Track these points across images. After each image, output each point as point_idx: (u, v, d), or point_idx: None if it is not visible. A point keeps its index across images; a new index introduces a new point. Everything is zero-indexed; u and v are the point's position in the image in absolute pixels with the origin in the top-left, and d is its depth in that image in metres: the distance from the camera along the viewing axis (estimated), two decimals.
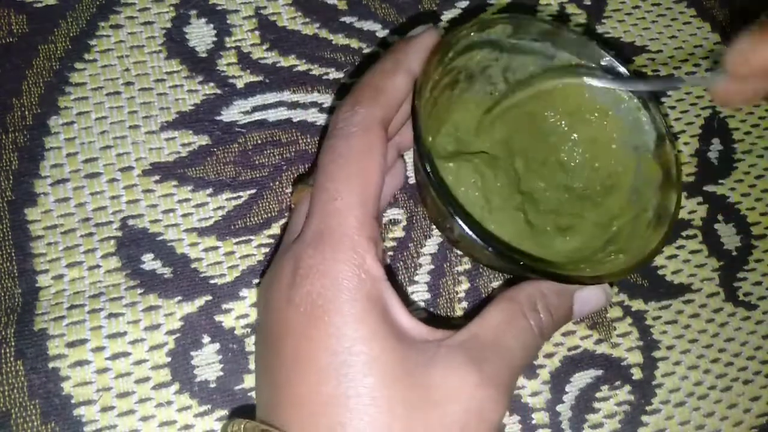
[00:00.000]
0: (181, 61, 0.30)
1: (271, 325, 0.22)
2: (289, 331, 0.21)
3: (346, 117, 0.22)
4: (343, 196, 0.21)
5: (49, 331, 0.25)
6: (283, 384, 0.21)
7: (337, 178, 0.21)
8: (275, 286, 0.22)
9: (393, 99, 0.23)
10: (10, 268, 0.26)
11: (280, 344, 0.21)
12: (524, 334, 0.22)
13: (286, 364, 0.21)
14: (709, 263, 0.32)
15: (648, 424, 0.29)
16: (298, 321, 0.21)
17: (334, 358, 0.20)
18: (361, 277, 0.21)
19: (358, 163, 0.22)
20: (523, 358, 0.22)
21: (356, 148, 0.22)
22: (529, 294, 0.23)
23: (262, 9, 0.32)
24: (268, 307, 0.22)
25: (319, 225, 0.21)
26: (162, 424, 0.25)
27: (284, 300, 0.21)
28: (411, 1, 0.34)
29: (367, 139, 0.22)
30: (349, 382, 0.20)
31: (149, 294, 0.27)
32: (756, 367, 0.31)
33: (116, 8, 0.31)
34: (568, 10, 0.35)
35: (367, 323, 0.20)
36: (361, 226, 0.21)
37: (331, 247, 0.21)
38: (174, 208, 0.28)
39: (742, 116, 0.36)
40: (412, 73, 0.24)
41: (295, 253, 0.21)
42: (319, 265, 0.21)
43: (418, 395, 0.20)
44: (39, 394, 0.25)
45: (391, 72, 0.23)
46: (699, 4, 0.37)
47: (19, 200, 0.27)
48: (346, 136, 0.22)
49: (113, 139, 0.29)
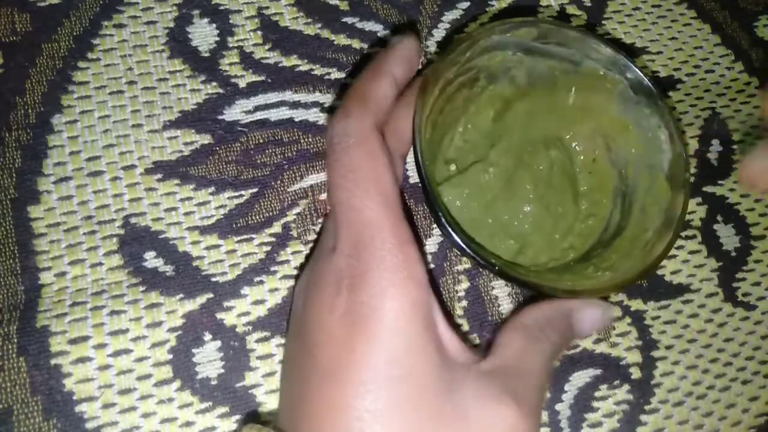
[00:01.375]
0: (183, 61, 0.31)
1: (309, 331, 0.22)
2: (330, 339, 0.21)
3: (341, 130, 0.23)
4: (370, 206, 0.21)
5: (51, 328, 0.26)
6: (315, 392, 0.21)
7: (356, 192, 0.22)
8: (316, 295, 0.22)
9: (380, 103, 0.23)
10: (12, 265, 0.26)
11: (316, 351, 0.21)
12: (543, 355, 0.23)
13: (321, 373, 0.21)
14: (708, 263, 0.32)
15: (647, 423, 0.29)
16: (341, 330, 0.20)
17: (374, 372, 0.20)
18: (406, 283, 0.20)
19: (370, 172, 0.22)
20: (546, 379, 0.23)
21: (361, 158, 0.22)
22: (538, 319, 0.24)
23: (264, 9, 0.32)
24: (307, 315, 0.22)
25: (355, 237, 0.21)
26: (163, 421, 0.25)
27: (327, 308, 0.21)
28: (413, 2, 0.34)
29: (368, 146, 0.22)
30: (387, 398, 0.20)
31: (151, 291, 0.27)
32: (755, 367, 0.31)
33: (119, 7, 0.31)
34: (568, 11, 0.36)
35: (409, 334, 0.20)
36: (396, 228, 0.21)
37: (372, 255, 0.21)
38: (176, 207, 0.28)
39: (742, 117, 0.36)
40: (393, 76, 0.24)
41: (338, 264, 0.21)
42: (364, 275, 0.21)
43: (452, 417, 0.20)
44: (41, 391, 0.25)
45: (373, 78, 0.24)
46: (699, 5, 0.38)
47: (22, 198, 0.27)
48: (346, 149, 0.22)
49: (116, 137, 0.29)
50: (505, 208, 0.28)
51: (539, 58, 0.27)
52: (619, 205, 0.28)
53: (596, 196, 0.29)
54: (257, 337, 0.27)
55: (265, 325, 0.27)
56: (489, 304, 0.29)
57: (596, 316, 0.25)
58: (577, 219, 0.28)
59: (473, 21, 0.34)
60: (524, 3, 0.35)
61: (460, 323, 0.29)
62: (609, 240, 0.27)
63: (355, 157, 0.22)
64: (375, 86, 0.24)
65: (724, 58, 0.37)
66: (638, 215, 0.27)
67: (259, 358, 0.27)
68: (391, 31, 0.33)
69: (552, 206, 0.28)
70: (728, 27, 0.37)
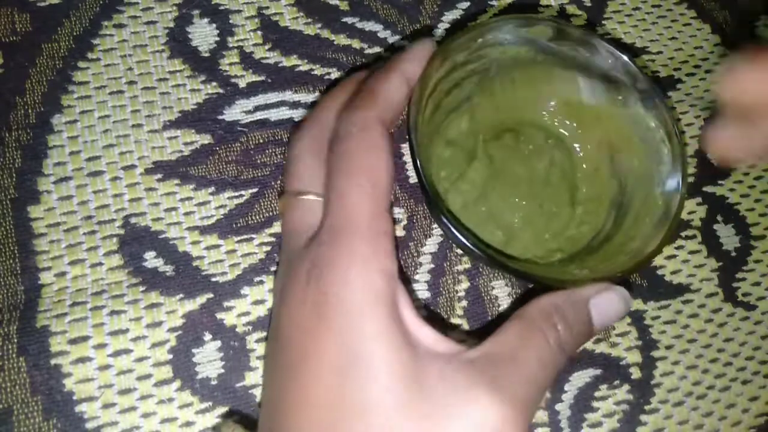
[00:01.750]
0: (183, 61, 0.31)
1: (282, 324, 0.22)
2: (299, 329, 0.21)
3: (345, 120, 0.23)
4: (354, 193, 0.21)
5: (51, 328, 0.26)
6: (287, 383, 0.21)
7: (346, 177, 0.22)
8: (290, 287, 0.22)
9: (388, 99, 0.24)
10: (12, 265, 0.26)
11: (288, 343, 0.21)
12: (541, 350, 0.22)
13: (293, 363, 0.21)
14: (708, 263, 0.32)
15: (647, 423, 0.29)
16: (309, 319, 0.20)
17: (339, 359, 0.20)
18: (371, 273, 0.20)
19: (364, 161, 0.22)
20: (542, 375, 0.21)
21: (360, 147, 0.22)
22: (542, 308, 0.23)
23: (264, 9, 0.32)
24: (281, 308, 0.22)
25: (333, 223, 0.21)
26: (163, 421, 0.25)
27: (298, 300, 0.21)
28: (413, 2, 0.34)
29: (369, 137, 0.22)
30: (354, 385, 0.19)
31: (151, 291, 0.27)
32: (755, 367, 0.31)
33: (119, 7, 0.31)
34: (568, 11, 0.36)
35: (375, 321, 0.20)
36: (373, 220, 0.21)
37: (345, 243, 0.21)
38: (176, 207, 0.28)
39: None
40: (406, 76, 0.24)
41: (311, 252, 0.21)
42: (332, 263, 0.21)
43: (426, 405, 0.19)
44: (41, 391, 0.25)
45: (385, 76, 0.24)
46: (699, 5, 0.38)
47: (22, 198, 0.27)
48: (347, 137, 0.23)
49: (116, 137, 0.29)
50: (499, 199, 0.28)
51: (551, 58, 0.28)
52: (614, 215, 0.28)
53: (593, 206, 0.29)
54: (257, 337, 0.27)
55: (265, 325, 0.27)
56: (489, 304, 0.29)
57: (615, 301, 0.24)
58: (570, 223, 0.28)
59: (473, 21, 0.34)
60: (524, 3, 0.35)
61: (460, 323, 0.29)
62: (596, 246, 0.27)
63: (352, 146, 0.22)
64: (384, 83, 0.24)
65: (724, 58, 0.37)
66: (630, 224, 0.27)
67: (259, 358, 0.27)
68: (391, 32, 0.33)
69: (546, 205, 0.28)
70: (728, 27, 0.37)
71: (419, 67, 0.25)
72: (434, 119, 0.27)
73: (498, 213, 0.28)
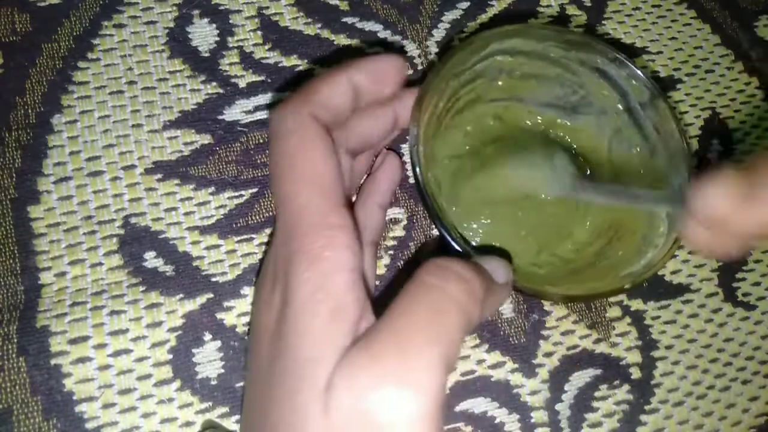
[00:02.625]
0: (183, 61, 0.31)
1: (253, 331, 0.22)
2: (264, 336, 0.21)
3: (277, 119, 0.22)
4: (301, 192, 0.21)
5: (51, 328, 0.26)
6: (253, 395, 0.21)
7: (289, 179, 0.21)
8: (258, 292, 0.22)
9: (326, 100, 0.23)
10: (12, 265, 0.26)
11: (256, 347, 0.21)
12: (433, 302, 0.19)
13: (256, 372, 0.21)
14: (708, 263, 0.32)
15: (647, 423, 0.29)
16: (270, 324, 0.20)
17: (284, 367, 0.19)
18: (324, 269, 0.19)
19: (303, 159, 0.21)
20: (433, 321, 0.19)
21: (296, 145, 0.21)
22: (435, 266, 0.20)
23: (264, 9, 0.32)
24: (253, 317, 0.22)
25: (285, 225, 0.21)
26: (163, 421, 0.25)
27: (265, 305, 0.21)
28: (412, 2, 0.34)
29: (301, 134, 0.21)
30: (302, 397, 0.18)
31: (151, 291, 0.27)
32: (755, 367, 0.31)
33: (119, 8, 0.31)
34: (568, 11, 0.36)
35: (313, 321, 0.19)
36: (325, 216, 0.20)
37: (299, 243, 0.20)
38: (176, 207, 0.28)
39: (741, 117, 0.36)
40: (351, 80, 0.23)
41: (272, 256, 0.21)
42: (290, 263, 0.20)
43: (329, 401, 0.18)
44: (41, 391, 0.25)
45: (326, 77, 0.23)
46: (699, 5, 0.38)
47: (22, 198, 0.27)
48: (279, 137, 0.22)
49: (116, 137, 0.29)
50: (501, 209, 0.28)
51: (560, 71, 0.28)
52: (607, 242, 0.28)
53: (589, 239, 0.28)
54: None
55: None
56: None
57: (502, 265, 0.22)
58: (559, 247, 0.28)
59: (473, 21, 0.34)
60: (524, 3, 0.35)
61: None
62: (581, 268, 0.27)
63: (289, 145, 0.22)
64: (324, 84, 0.23)
65: (724, 58, 0.37)
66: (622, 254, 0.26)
67: None
68: (391, 32, 0.33)
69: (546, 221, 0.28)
70: (728, 27, 0.37)
71: (373, 78, 0.24)
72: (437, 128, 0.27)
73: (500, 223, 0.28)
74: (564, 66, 0.28)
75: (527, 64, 0.28)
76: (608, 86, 0.27)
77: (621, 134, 0.28)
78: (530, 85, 0.29)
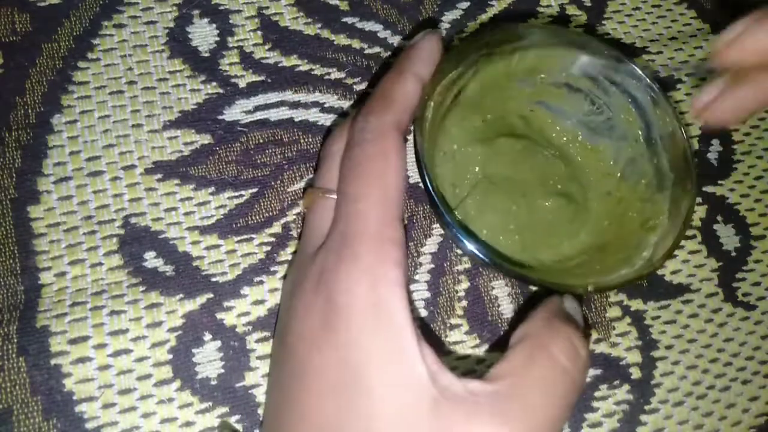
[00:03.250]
0: (183, 61, 0.31)
1: (290, 329, 0.22)
2: (304, 338, 0.21)
3: (360, 127, 0.23)
4: (364, 199, 0.21)
5: (51, 328, 0.26)
6: (287, 394, 0.21)
7: (357, 183, 0.22)
8: (299, 293, 0.22)
9: (403, 104, 0.23)
10: (12, 265, 0.26)
11: (293, 351, 0.21)
12: (550, 371, 0.20)
13: (295, 374, 0.21)
14: (708, 263, 0.32)
15: (647, 423, 0.29)
16: (314, 330, 0.20)
17: (339, 378, 0.19)
18: (376, 283, 0.20)
19: (376, 168, 0.22)
20: (553, 405, 0.20)
21: (372, 154, 0.22)
22: (543, 318, 0.22)
23: (264, 9, 0.32)
24: (289, 314, 0.22)
25: (342, 229, 0.21)
26: (163, 421, 0.25)
27: (305, 307, 0.21)
28: (412, 2, 0.34)
29: (382, 144, 0.22)
30: (350, 405, 0.19)
31: (151, 291, 0.27)
32: (755, 367, 0.31)
33: (119, 7, 0.31)
34: (568, 11, 0.36)
35: (376, 339, 0.19)
36: (382, 227, 0.21)
37: (352, 251, 0.20)
38: (176, 207, 0.28)
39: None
40: (417, 75, 0.24)
41: (321, 259, 0.21)
42: (338, 270, 0.20)
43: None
44: (41, 391, 0.25)
45: (397, 79, 0.24)
46: (699, 5, 0.38)
47: (22, 198, 0.27)
48: (360, 143, 0.22)
49: (116, 137, 0.29)
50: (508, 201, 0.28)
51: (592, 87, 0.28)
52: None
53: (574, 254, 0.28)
54: (257, 337, 0.27)
55: (265, 325, 0.27)
56: (489, 304, 0.29)
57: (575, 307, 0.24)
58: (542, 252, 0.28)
59: (473, 21, 0.34)
60: (524, 3, 0.35)
61: (460, 323, 0.29)
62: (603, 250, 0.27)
63: (366, 152, 0.22)
64: (398, 86, 0.24)
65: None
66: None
67: (259, 358, 0.27)
68: (391, 32, 0.33)
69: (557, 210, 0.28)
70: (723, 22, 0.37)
71: (431, 66, 0.25)
72: (441, 121, 0.27)
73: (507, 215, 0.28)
74: (598, 83, 0.27)
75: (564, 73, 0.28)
76: (635, 113, 0.27)
77: (634, 164, 0.28)
78: (560, 94, 0.29)
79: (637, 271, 0.24)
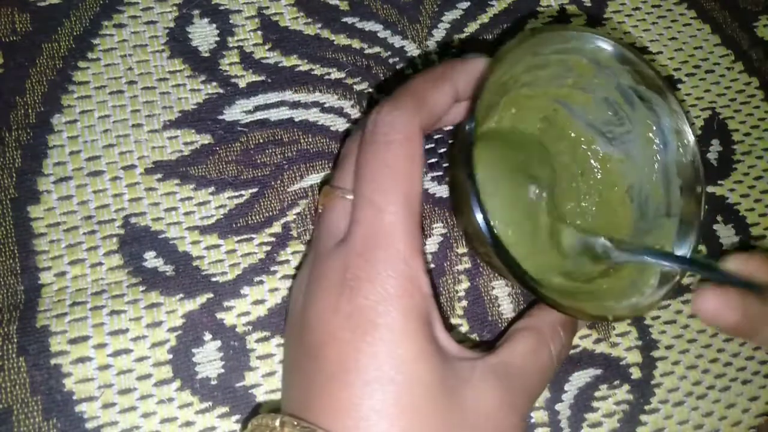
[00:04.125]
0: (183, 61, 0.31)
1: (311, 331, 0.22)
2: (334, 340, 0.21)
3: (388, 122, 0.22)
4: (392, 208, 0.21)
5: (51, 327, 0.26)
6: (319, 392, 0.21)
7: (384, 189, 0.21)
8: (320, 292, 0.22)
9: (434, 108, 0.23)
10: (12, 265, 0.26)
11: (321, 350, 0.21)
12: (545, 363, 0.24)
13: (326, 373, 0.21)
14: None
15: (647, 423, 0.29)
16: (346, 331, 0.21)
17: (380, 374, 0.20)
18: (412, 292, 0.21)
19: (403, 173, 0.21)
20: (540, 387, 0.24)
21: (400, 157, 0.21)
22: (551, 323, 0.25)
23: (264, 9, 0.32)
24: (308, 314, 0.22)
25: (368, 234, 0.21)
26: (163, 421, 0.25)
27: (331, 308, 0.21)
28: (412, 2, 0.34)
29: (411, 148, 0.22)
30: (392, 399, 0.20)
31: (151, 291, 0.27)
32: (755, 367, 0.31)
33: (119, 7, 0.31)
34: (568, 11, 0.36)
35: (415, 341, 0.21)
36: (410, 238, 0.21)
37: (383, 260, 0.21)
38: (176, 207, 0.28)
39: (741, 117, 0.36)
40: (456, 89, 0.23)
41: (345, 260, 0.21)
42: (372, 279, 0.21)
43: (456, 416, 0.21)
44: (41, 391, 0.25)
45: (434, 81, 0.23)
46: (699, 5, 0.38)
47: (22, 198, 0.27)
48: (388, 143, 0.22)
49: (116, 137, 0.29)
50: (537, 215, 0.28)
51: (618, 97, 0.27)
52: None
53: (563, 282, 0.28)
54: (257, 337, 0.27)
55: (265, 325, 0.27)
56: (489, 304, 0.29)
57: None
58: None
59: (473, 21, 0.34)
60: (524, 3, 0.35)
61: (460, 323, 0.29)
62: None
63: (396, 155, 0.21)
64: (434, 89, 0.23)
65: (724, 58, 0.37)
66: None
67: (259, 358, 0.27)
68: (391, 32, 0.33)
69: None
70: (728, 27, 0.37)
71: (470, 86, 0.23)
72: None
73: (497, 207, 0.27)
74: (625, 95, 0.27)
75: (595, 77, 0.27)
76: (656, 132, 0.27)
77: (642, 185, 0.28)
78: (585, 99, 0.28)
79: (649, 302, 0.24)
